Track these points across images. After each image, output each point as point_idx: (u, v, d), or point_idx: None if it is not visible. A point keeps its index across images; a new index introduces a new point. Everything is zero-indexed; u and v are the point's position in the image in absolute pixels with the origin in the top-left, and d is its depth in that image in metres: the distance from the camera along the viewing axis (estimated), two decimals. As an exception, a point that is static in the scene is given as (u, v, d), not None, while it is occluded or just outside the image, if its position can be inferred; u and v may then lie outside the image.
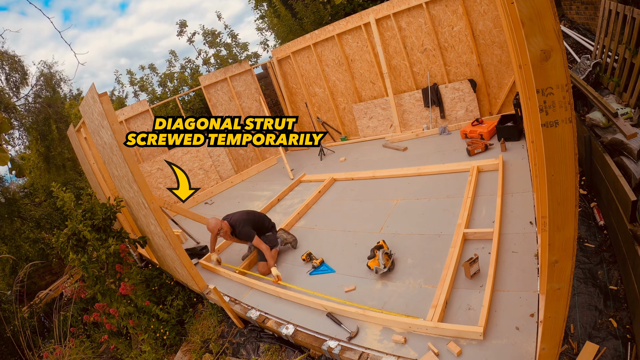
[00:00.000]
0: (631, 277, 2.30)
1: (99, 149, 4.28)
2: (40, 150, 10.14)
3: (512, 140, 4.79)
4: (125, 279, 3.96)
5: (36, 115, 9.85)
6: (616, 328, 2.25)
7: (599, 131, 3.55)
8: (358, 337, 2.65)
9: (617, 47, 3.97)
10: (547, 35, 0.99)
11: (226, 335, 3.62)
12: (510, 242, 3.01)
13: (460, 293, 2.70)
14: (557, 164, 1.16)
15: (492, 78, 5.77)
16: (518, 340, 2.17)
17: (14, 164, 7.78)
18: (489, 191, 3.91)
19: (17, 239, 9.17)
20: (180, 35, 9.47)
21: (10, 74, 9.37)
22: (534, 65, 1.03)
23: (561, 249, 1.32)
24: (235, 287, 3.86)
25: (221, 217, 4.27)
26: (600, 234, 3.05)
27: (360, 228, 4.15)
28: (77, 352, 4.26)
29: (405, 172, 5.07)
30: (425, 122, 6.54)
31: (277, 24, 9.28)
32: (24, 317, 5.57)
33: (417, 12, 5.87)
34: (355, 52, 6.89)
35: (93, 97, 3.46)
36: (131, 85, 9.95)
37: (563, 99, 1.05)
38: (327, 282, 3.43)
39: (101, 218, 4.04)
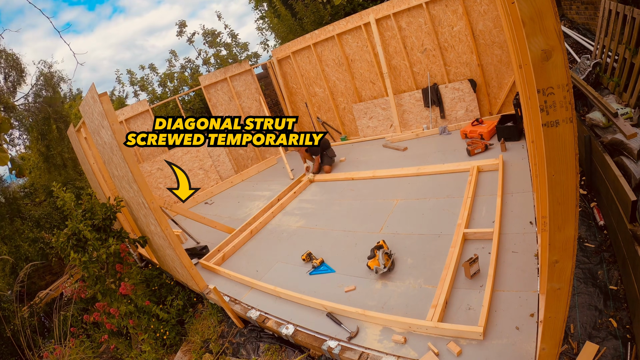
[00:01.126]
0: (631, 277, 2.30)
1: (99, 149, 4.28)
2: (40, 150, 10.14)
3: (512, 140, 4.79)
4: (125, 279, 3.96)
5: (36, 115, 9.84)
6: (616, 328, 2.25)
7: (599, 131, 3.55)
8: (358, 337, 2.65)
9: (617, 47, 3.97)
10: (548, 35, 0.99)
11: (226, 335, 3.62)
12: (510, 242, 3.01)
13: (460, 293, 2.70)
14: (557, 164, 1.16)
15: (492, 78, 5.77)
16: (518, 340, 2.17)
17: (14, 164, 7.77)
18: (489, 191, 3.91)
19: (17, 238, 9.16)
20: (180, 35, 9.48)
21: (9, 72, 9.36)
22: (535, 65, 1.03)
23: (561, 249, 1.32)
24: (236, 287, 3.86)
25: (221, 216, 4.27)
26: (600, 234, 3.05)
27: (360, 228, 4.15)
28: (77, 352, 4.25)
29: (405, 172, 5.07)
30: (425, 122, 6.54)
31: (277, 24, 9.28)
32: (24, 317, 5.57)
33: (417, 12, 5.87)
34: (355, 52, 6.89)
35: (93, 97, 3.46)
36: (131, 85, 9.95)
37: (564, 98, 1.05)
38: (327, 282, 3.43)
39: (101, 218, 4.04)
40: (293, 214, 5.17)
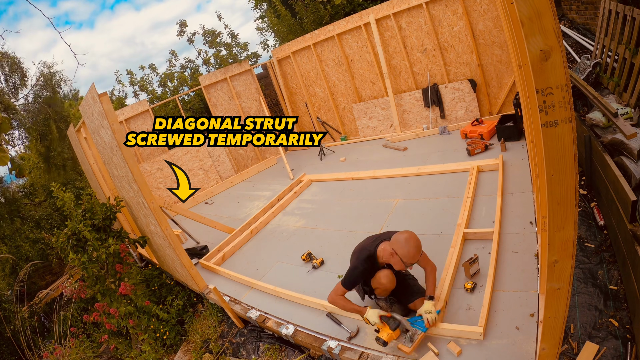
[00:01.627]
0: (631, 277, 2.29)
1: (99, 149, 4.28)
2: (40, 150, 10.15)
3: (512, 140, 4.78)
4: (125, 279, 3.96)
5: (36, 115, 9.85)
6: (616, 328, 2.25)
7: (599, 131, 3.55)
8: (358, 337, 2.65)
9: (617, 47, 3.97)
10: (546, 35, 0.99)
11: (226, 335, 3.62)
12: (510, 242, 3.01)
13: (460, 293, 2.70)
14: (557, 164, 1.15)
15: (492, 78, 5.77)
16: (518, 340, 2.17)
17: (14, 164, 7.78)
18: (489, 191, 3.91)
19: (17, 239, 9.18)
20: (180, 35, 9.48)
21: (10, 74, 9.37)
22: (534, 65, 1.02)
23: (561, 249, 1.32)
24: (236, 287, 3.86)
25: (221, 216, 4.27)
26: (600, 234, 3.05)
27: (360, 228, 4.15)
28: (77, 352, 4.26)
29: (405, 172, 5.07)
30: (425, 122, 6.54)
31: (277, 23, 9.28)
32: (24, 317, 5.57)
33: (417, 12, 5.87)
34: (355, 52, 6.89)
35: (93, 97, 3.47)
36: (131, 85, 9.95)
37: (563, 99, 1.04)
38: (327, 282, 3.43)
39: (101, 218, 4.04)
40: (293, 214, 5.17)
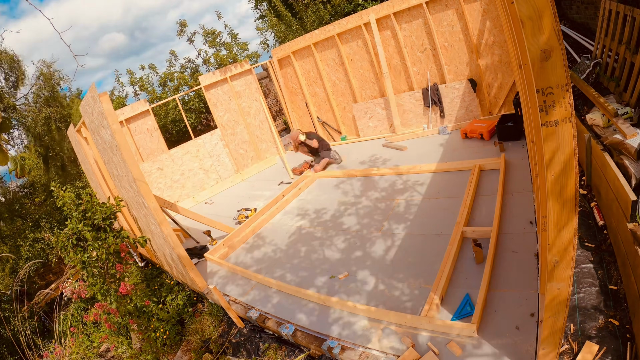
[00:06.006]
0: (631, 277, 2.29)
1: (99, 149, 4.28)
2: (40, 150, 10.15)
3: (512, 140, 4.78)
4: (125, 279, 3.96)
5: (36, 115, 9.85)
6: (616, 328, 2.25)
7: (599, 131, 3.55)
8: (358, 337, 2.65)
9: (617, 47, 3.97)
10: (547, 35, 0.99)
11: (226, 335, 3.62)
12: (510, 242, 3.01)
13: (460, 292, 2.71)
14: (557, 164, 1.16)
15: (492, 78, 5.77)
16: (518, 340, 2.17)
17: (14, 164, 7.78)
18: (489, 190, 3.91)
19: (17, 238, 9.17)
20: (180, 35, 9.48)
21: (9, 73, 9.37)
22: (534, 65, 1.02)
23: (561, 249, 1.32)
24: (236, 287, 3.86)
25: (221, 216, 4.27)
26: (600, 234, 3.05)
27: (361, 227, 4.15)
28: (77, 351, 4.26)
29: (405, 171, 5.07)
30: (425, 121, 6.54)
31: (277, 23, 9.28)
32: (24, 316, 5.58)
33: (417, 12, 5.87)
34: (356, 51, 6.88)
35: (93, 96, 3.47)
36: (131, 85, 9.96)
37: (563, 98, 1.05)
38: (327, 279, 3.43)
39: (101, 218, 4.03)
40: (293, 214, 5.17)
